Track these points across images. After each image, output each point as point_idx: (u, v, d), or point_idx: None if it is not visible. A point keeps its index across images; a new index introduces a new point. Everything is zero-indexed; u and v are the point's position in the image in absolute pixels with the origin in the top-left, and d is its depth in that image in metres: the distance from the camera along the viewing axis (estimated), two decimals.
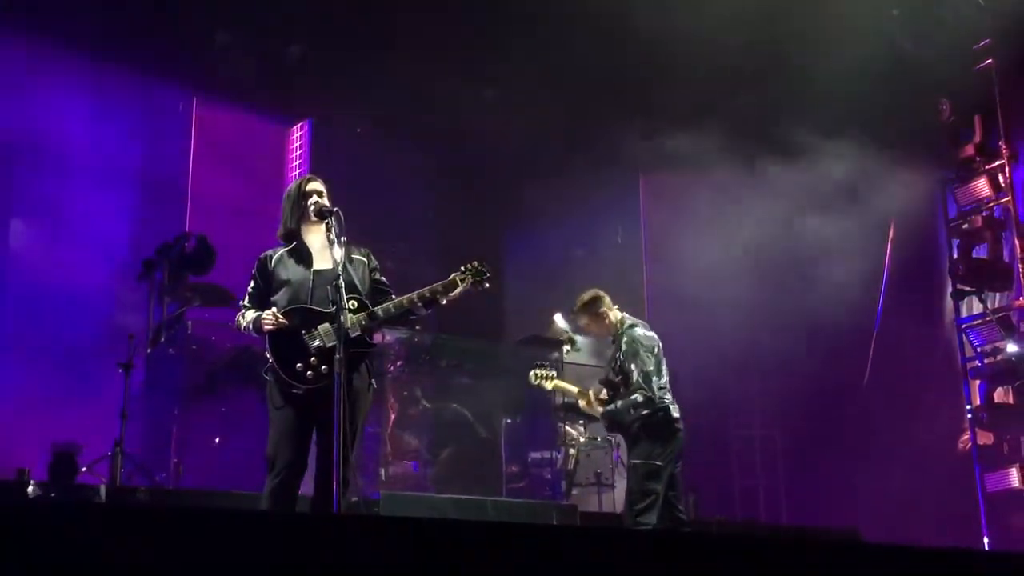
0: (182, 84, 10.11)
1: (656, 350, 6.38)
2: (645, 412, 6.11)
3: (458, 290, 5.12)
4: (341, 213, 5.02)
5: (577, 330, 7.82)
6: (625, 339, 6.37)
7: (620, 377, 6.31)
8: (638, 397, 6.12)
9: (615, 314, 6.56)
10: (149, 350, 8.27)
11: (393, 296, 5.16)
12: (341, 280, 4.84)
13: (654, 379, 6.18)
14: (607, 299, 6.64)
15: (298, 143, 10.89)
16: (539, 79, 9.16)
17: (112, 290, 9.24)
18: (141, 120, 9.93)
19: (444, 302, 5.14)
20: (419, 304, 5.09)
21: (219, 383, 7.98)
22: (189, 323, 8.29)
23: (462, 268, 5.18)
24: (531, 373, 6.97)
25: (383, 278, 5.28)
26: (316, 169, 10.51)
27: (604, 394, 6.50)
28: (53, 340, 9.04)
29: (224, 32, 9.27)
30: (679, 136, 9.87)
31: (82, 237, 9.53)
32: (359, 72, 9.29)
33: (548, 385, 6.88)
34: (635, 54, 8.76)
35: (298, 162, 10.82)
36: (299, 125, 10.92)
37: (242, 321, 5.13)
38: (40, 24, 8.98)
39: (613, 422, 6.37)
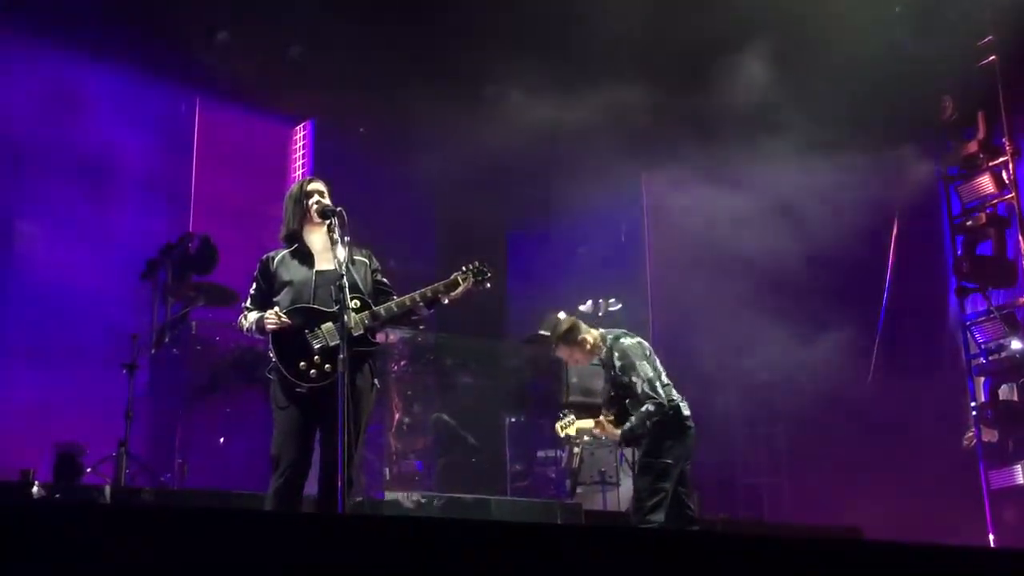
0: (185, 85, 10.13)
1: (648, 353, 6.35)
2: (658, 418, 6.09)
3: (460, 289, 5.15)
4: (344, 212, 5.04)
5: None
6: (616, 354, 6.29)
7: (622, 392, 6.28)
8: (649, 407, 6.08)
9: (594, 334, 6.44)
10: (153, 350, 8.28)
11: (395, 296, 5.18)
12: (345, 280, 4.87)
13: (657, 383, 6.16)
14: (581, 323, 6.52)
15: (301, 143, 10.91)
16: (540, 78, 9.15)
17: (115, 291, 9.25)
18: (144, 120, 9.95)
19: (446, 301, 5.18)
20: (421, 304, 5.12)
21: (223, 383, 7.99)
22: (193, 323, 8.31)
23: (463, 268, 5.20)
24: (557, 426, 6.74)
25: (384, 279, 5.30)
26: (319, 169, 10.53)
27: (610, 414, 6.45)
28: (56, 341, 9.06)
29: (226, 32, 9.27)
30: (682, 134, 9.87)
31: (86, 238, 9.55)
32: (361, 72, 9.30)
33: (572, 431, 6.66)
34: (634, 52, 8.75)
35: (301, 162, 10.84)
36: (302, 125, 10.93)
37: (244, 323, 5.15)
38: (41, 24, 9.00)
39: (632, 439, 6.31)
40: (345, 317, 4.80)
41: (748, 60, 9.08)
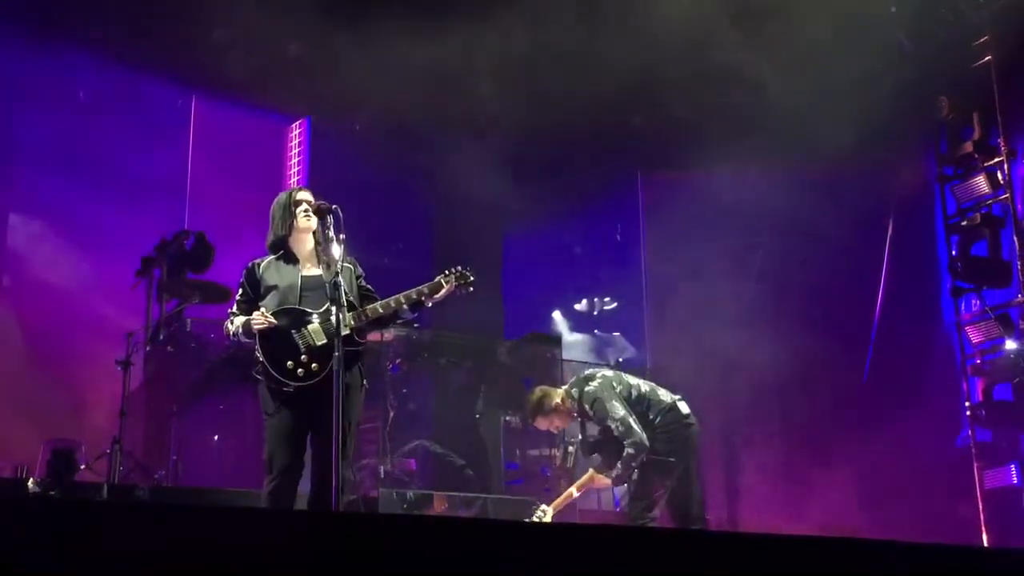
0: (181, 81, 10.12)
1: (614, 386, 6.26)
2: (643, 456, 6.04)
3: (442, 292, 5.23)
4: (339, 211, 5.08)
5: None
6: (587, 405, 6.24)
7: (603, 433, 6.24)
8: (629, 450, 6.02)
9: (560, 393, 6.39)
10: (148, 348, 8.26)
11: (379, 300, 5.24)
12: (340, 278, 4.95)
13: (631, 420, 6.08)
14: (548, 388, 6.50)
15: (296, 140, 10.89)
16: (538, 77, 9.15)
17: (111, 288, 9.24)
18: (140, 117, 9.93)
19: (429, 304, 5.27)
20: (405, 306, 5.20)
21: (218, 381, 7.97)
22: (188, 321, 8.29)
23: (446, 271, 5.28)
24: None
25: (368, 284, 5.39)
26: (314, 167, 10.53)
27: (599, 458, 6.37)
28: (51, 337, 9.05)
29: (223, 29, 9.24)
30: (678, 134, 9.87)
31: (81, 234, 9.54)
32: (357, 69, 9.28)
33: (549, 516, 6.27)
34: (634, 50, 8.74)
35: (296, 159, 10.82)
36: (297, 123, 10.91)
37: (231, 327, 5.23)
38: (38, 22, 8.97)
39: (626, 480, 6.26)
40: (340, 315, 4.86)
41: (744, 60, 9.09)
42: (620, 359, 11.36)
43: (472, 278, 5.28)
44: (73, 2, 8.88)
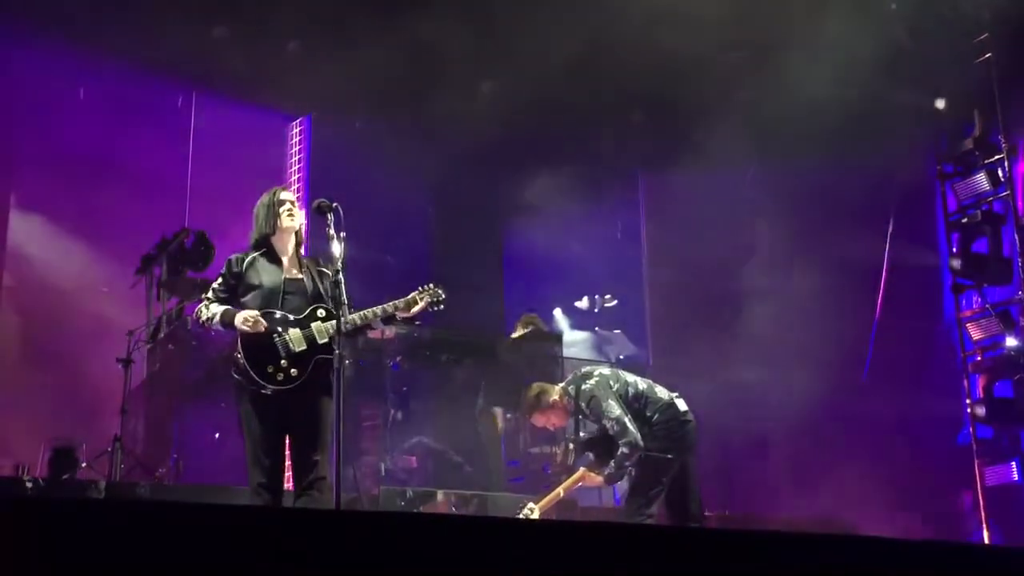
0: (182, 79, 10.11)
1: (610, 385, 6.21)
2: (638, 456, 6.02)
3: (416, 309, 5.36)
4: (340, 208, 5.10)
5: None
6: (583, 403, 6.19)
7: (598, 431, 6.24)
8: (624, 449, 5.97)
9: (557, 390, 6.35)
10: (148, 346, 8.27)
11: (353, 309, 5.29)
12: (341, 276, 5.03)
13: (626, 419, 6.03)
14: (545, 384, 6.46)
15: (297, 138, 10.88)
16: (539, 74, 9.15)
17: (111, 286, 9.24)
18: (141, 115, 9.93)
19: (400, 318, 5.41)
20: (380, 319, 5.32)
21: (218, 378, 7.97)
22: (188, 319, 8.29)
23: (420, 288, 5.40)
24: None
25: (344, 289, 5.38)
26: (315, 164, 10.53)
27: (591, 456, 6.35)
28: (52, 336, 9.06)
29: (223, 27, 9.25)
30: (678, 133, 9.87)
31: (81, 232, 9.55)
32: (358, 67, 9.29)
33: (537, 514, 6.17)
34: (633, 48, 8.75)
35: (297, 157, 10.81)
36: (298, 120, 10.91)
37: (206, 312, 5.24)
38: (38, 20, 8.98)
39: (618, 479, 6.24)
40: (314, 325, 5.07)
41: (744, 59, 9.10)
42: (621, 356, 11.35)
43: (443, 297, 5.38)
44: (73, 1, 8.87)
